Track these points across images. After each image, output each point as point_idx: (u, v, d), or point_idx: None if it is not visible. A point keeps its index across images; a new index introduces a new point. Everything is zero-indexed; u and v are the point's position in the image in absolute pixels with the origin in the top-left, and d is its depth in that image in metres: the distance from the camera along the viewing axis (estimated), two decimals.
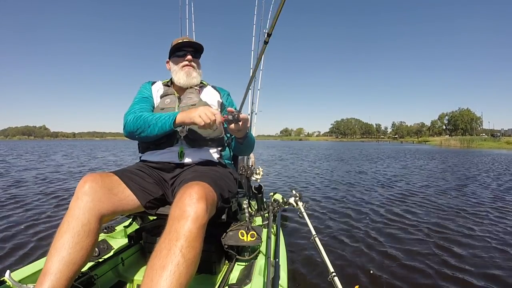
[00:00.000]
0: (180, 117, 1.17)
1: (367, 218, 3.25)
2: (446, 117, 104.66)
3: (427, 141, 69.57)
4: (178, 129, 1.23)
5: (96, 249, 1.30)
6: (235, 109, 1.57)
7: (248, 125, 1.28)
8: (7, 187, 5.16)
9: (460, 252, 2.29)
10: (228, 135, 1.47)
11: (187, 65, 1.43)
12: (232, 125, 1.18)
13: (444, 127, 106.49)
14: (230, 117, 1.14)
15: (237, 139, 1.36)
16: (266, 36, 0.95)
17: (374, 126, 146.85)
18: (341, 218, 3.22)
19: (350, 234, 2.68)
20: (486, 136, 58.50)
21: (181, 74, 1.42)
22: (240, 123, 1.17)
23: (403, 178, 6.70)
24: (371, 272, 1.94)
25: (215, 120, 1.10)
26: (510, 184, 6.02)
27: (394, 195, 4.64)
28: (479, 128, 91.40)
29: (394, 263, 2.08)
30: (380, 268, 2.01)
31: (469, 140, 43.63)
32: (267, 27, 2.90)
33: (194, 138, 1.31)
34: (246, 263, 1.34)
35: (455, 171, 8.57)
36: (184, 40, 1.44)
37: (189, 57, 1.43)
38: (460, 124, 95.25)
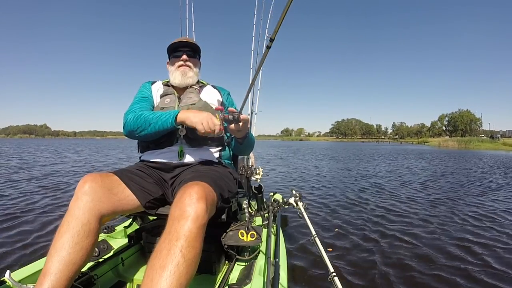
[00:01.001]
0: (182, 117, 1.18)
1: (367, 217, 3.25)
2: (446, 118, 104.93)
3: (426, 142, 69.58)
4: (178, 128, 1.23)
5: (96, 249, 1.29)
6: (235, 109, 1.57)
7: (248, 125, 1.28)
8: (45, 175, 6.17)
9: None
10: (228, 134, 1.47)
11: (182, 65, 1.43)
12: (232, 125, 1.18)
13: (444, 128, 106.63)
14: (230, 117, 1.15)
15: (236, 139, 1.36)
16: (269, 41, 0.94)
17: (375, 126, 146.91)
18: (341, 218, 3.22)
19: (350, 234, 2.68)
20: (486, 137, 58.84)
21: (177, 74, 1.43)
22: (241, 123, 1.17)
23: (399, 177, 6.71)
24: (371, 271, 1.94)
25: (215, 131, 1.15)
26: (474, 179, 6.76)
27: (389, 193, 4.65)
28: (479, 129, 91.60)
29: (394, 262, 2.08)
30: (381, 267, 2.01)
31: (466, 141, 44.28)
32: (267, 26, 2.90)
33: (193, 137, 1.31)
34: (246, 263, 1.33)
35: (434, 169, 9.19)
36: (180, 41, 1.45)
37: (184, 57, 1.43)
38: (460, 125, 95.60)
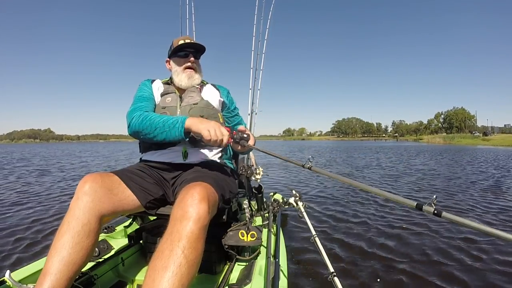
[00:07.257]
0: (188, 125, 1.14)
1: (367, 216, 3.26)
2: (442, 116, 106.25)
3: (421, 139, 70.91)
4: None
5: (96, 249, 1.29)
6: (235, 108, 1.58)
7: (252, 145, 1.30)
8: None
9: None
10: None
11: (189, 67, 1.42)
12: (238, 146, 1.22)
13: (440, 125, 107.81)
14: (238, 137, 1.18)
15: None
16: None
17: (375, 125, 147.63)
18: (341, 217, 3.22)
19: (350, 234, 2.68)
20: (479, 133, 62.65)
21: (183, 76, 1.41)
22: (246, 146, 1.21)
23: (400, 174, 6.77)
24: (371, 271, 1.95)
25: (222, 140, 1.11)
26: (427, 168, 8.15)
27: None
28: (475, 126, 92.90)
29: (395, 262, 2.08)
30: (381, 267, 2.01)
31: (450, 137, 49.40)
32: (268, 26, 2.91)
33: (196, 138, 1.30)
34: (246, 263, 1.34)
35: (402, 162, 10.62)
36: (187, 41, 1.42)
37: (192, 59, 1.42)
38: (455, 122, 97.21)
